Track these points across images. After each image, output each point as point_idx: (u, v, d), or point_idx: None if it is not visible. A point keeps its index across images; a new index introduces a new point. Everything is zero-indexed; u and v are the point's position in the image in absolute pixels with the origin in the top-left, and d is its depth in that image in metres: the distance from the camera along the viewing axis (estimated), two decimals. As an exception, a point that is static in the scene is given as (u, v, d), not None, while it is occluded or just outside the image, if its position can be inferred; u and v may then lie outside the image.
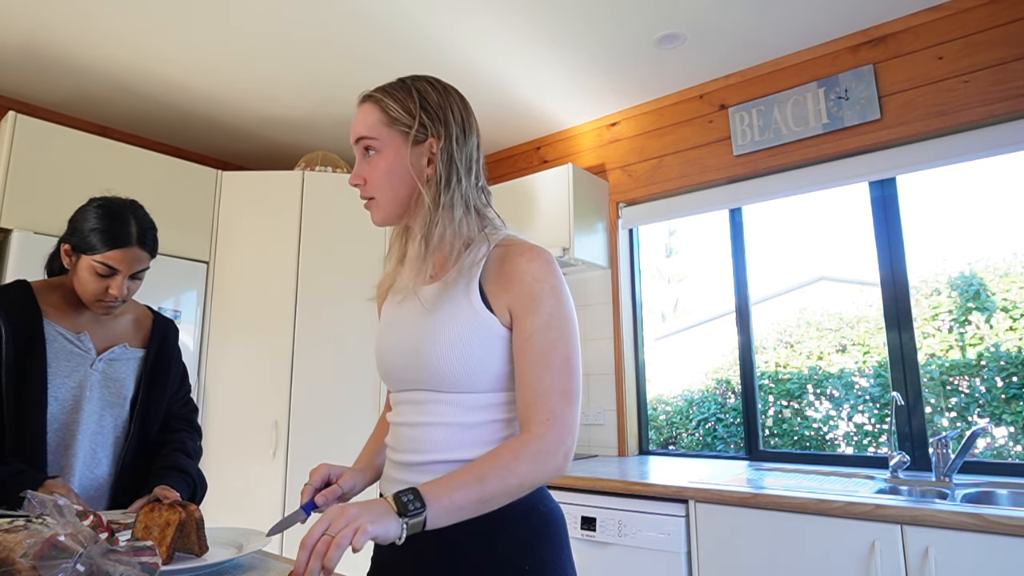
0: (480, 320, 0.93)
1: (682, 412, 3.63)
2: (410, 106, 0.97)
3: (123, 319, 1.46)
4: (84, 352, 1.34)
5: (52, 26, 2.32)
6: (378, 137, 0.97)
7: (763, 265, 2.83)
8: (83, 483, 1.31)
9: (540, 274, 0.93)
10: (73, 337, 1.33)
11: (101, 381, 1.36)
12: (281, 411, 2.76)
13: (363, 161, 0.99)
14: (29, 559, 0.65)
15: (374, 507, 0.75)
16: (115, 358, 1.39)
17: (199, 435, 1.52)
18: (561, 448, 0.87)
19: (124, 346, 1.41)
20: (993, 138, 2.12)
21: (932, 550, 1.50)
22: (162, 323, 1.52)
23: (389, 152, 0.97)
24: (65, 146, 2.57)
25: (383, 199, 0.98)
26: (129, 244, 1.29)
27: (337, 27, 2.33)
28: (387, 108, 0.97)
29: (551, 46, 2.46)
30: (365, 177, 0.98)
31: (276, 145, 3.42)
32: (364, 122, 0.98)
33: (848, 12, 2.26)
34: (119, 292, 1.30)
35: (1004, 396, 2.40)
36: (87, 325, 1.38)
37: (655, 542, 1.93)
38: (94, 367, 1.35)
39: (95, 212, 1.31)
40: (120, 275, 1.30)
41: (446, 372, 0.92)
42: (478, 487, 0.82)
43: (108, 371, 1.37)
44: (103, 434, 1.35)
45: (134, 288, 1.35)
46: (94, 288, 1.30)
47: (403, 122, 0.96)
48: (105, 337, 1.39)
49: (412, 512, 0.76)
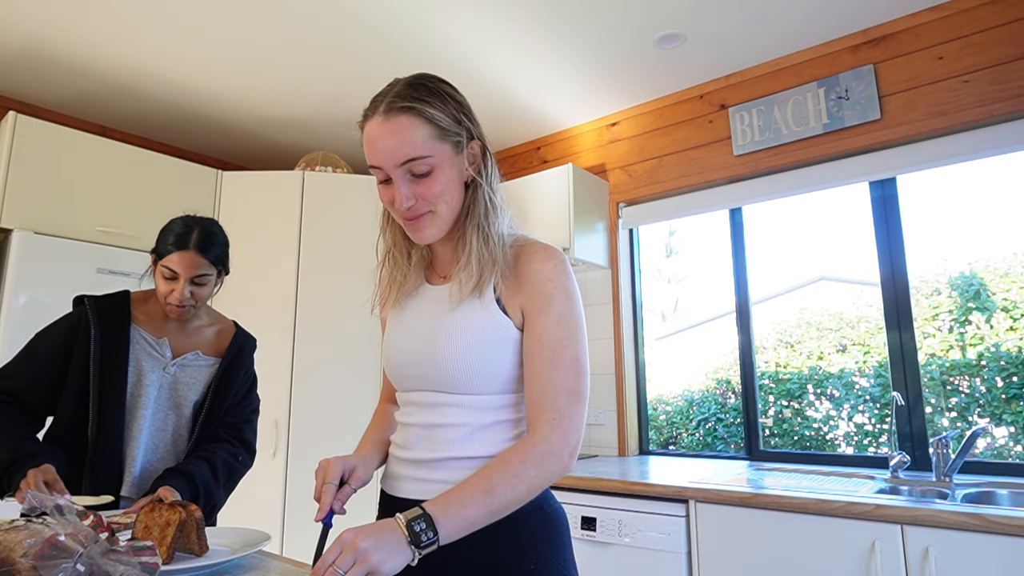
0: (494, 322, 0.93)
1: (682, 412, 3.63)
2: (454, 113, 0.92)
3: (207, 330, 1.58)
4: (160, 355, 1.48)
5: (52, 26, 2.32)
6: (431, 154, 0.89)
7: (763, 265, 2.83)
8: (143, 473, 1.43)
9: (553, 274, 0.93)
10: (154, 341, 1.48)
11: (171, 383, 1.49)
12: (281, 410, 2.76)
13: (411, 182, 0.90)
14: (29, 559, 0.65)
15: (386, 540, 0.74)
16: (186, 364, 1.51)
17: (245, 447, 1.56)
18: (567, 448, 0.88)
19: (197, 353, 1.52)
20: (993, 138, 2.12)
21: (932, 550, 1.49)
22: (242, 337, 1.61)
23: (446, 165, 0.91)
24: (65, 146, 2.57)
25: (444, 210, 0.93)
26: (186, 248, 1.41)
27: (337, 27, 2.33)
28: (435, 120, 0.89)
29: (551, 46, 2.46)
30: (418, 196, 0.91)
31: (276, 145, 3.42)
32: (411, 141, 0.88)
33: (848, 12, 2.26)
34: (180, 295, 1.42)
35: (1004, 396, 2.40)
36: (170, 333, 1.51)
37: (655, 542, 1.93)
38: (167, 370, 1.48)
39: (171, 222, 1.47)
40: (180, 278, 1.41)
41: (458, 374, 0.92)
42: (488, 500, 0.82)
43: (179, 375, 1.49)
44: (165, 431, 1.48)
45: (199, 294, 1.46)
46: (162, 290, 1.44)
47: (453, 131, 0.91)
48: (185, 344, 1.52)
49: (425, 543, 0.76)
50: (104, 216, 2.65)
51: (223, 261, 1.51)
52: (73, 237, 2.54)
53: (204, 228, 1.46)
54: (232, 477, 1.51)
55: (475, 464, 0.92)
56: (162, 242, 1.44)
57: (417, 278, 1.04)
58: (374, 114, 0.90)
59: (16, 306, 2.35)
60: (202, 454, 1.46)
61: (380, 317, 1.13)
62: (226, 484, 1.49)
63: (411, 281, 1.04)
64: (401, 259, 1.04)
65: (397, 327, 1.03)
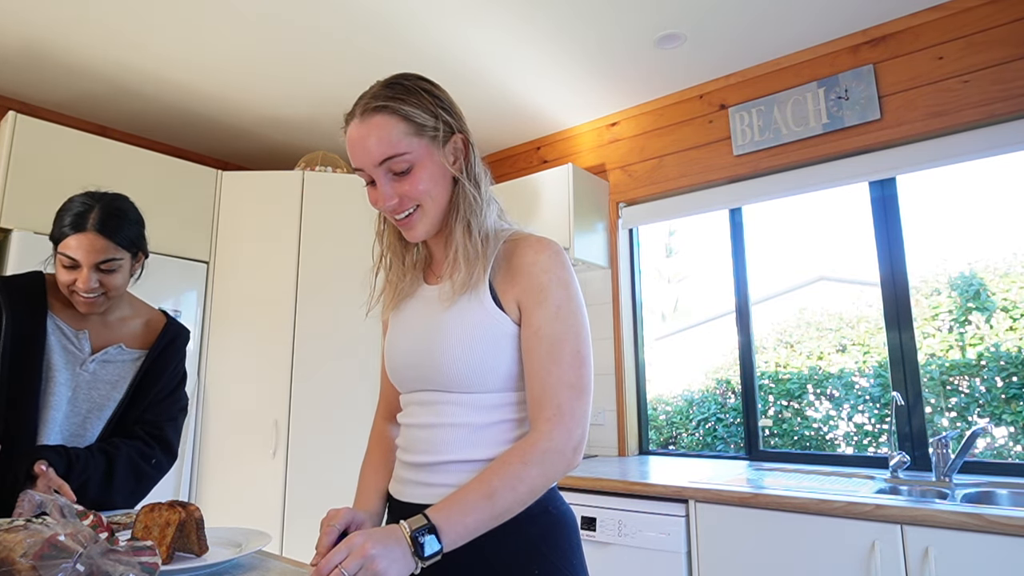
0: (491, 319, 0.92)
1: (682, 412, 3.63)
2: (430, 107, 0.92)
3: (133, 321, 1.40)
4: (77, 350, 1.30)
5: (52, 26, 2.32)
6: (409, 150, 0.89)
7: (763, 265, 2.83)
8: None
9: (548, 265, 0.92)
10: (72, 334, 1.29)
11: (89, 381, 1.31)
12: (281, 411, 2.76)
13: (392, 181, 0.91)
14: (29, 559, 0.65)
15: (391, 549, 0.75)
16: (108, 359, 1.33)
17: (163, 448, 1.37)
18: (569, 444, 0.86)
19: (120, 347, 1.35)
20: (993, 138, 2.12)
21: (932, 550, 1.49)
22: (173, 329, 1.44)
23: (426, 161, 0.91)
24: (65, 146, 2.57)
25: (431, 207, 0.93)
26: (83, 230, 1.21)
27: (337, 28, 2.33)
28: (410, 116, 0.90)
29: (551, 46, 2.46)
30: (401, 195, 0.91)
31: (276, 145, 3.42)
32: (387, 139, 0.88)
33: (848, 12, 2.26)
34: (85, 284, 1.22)
35: (1004, 396, 2.40)
36: (91, 324, 1.33)
37: (655, 542, 1.93)
38: (84, 367, 1.30)
39: (68, 201, 1.26)
40: (82, 266, 1.22)
41: (456, 372, 0.91)
42: (489, 505, 0.82)
43: (99, 371, 1.32)
44: (83, 437, 1.30)
45: (110, 282, 1.26)
46: (63, 280, 1.24)
47: (431, 126, 0.91)
48: (107, 337, 1.34)
49: (428, 555, 0.77)
50: (104, 216, 2.64)
51: (137, 243, 1.30)
52: (73, 237, 2.54)
53: (107, 205, 1.25)
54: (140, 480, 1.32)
55: (477, 468, 0.91)
56: (57, 224, 1.23)
57: (414, 279, 1.04)
58: (353, 118, 0.92)
59: (16, 306, 2.34)
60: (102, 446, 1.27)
61: (381, 319, 1.12)
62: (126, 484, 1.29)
63: (408, 282, 1.04)
64: (396, 261, 1.04)
65: (396, 329, 1.03)
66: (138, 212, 1.35)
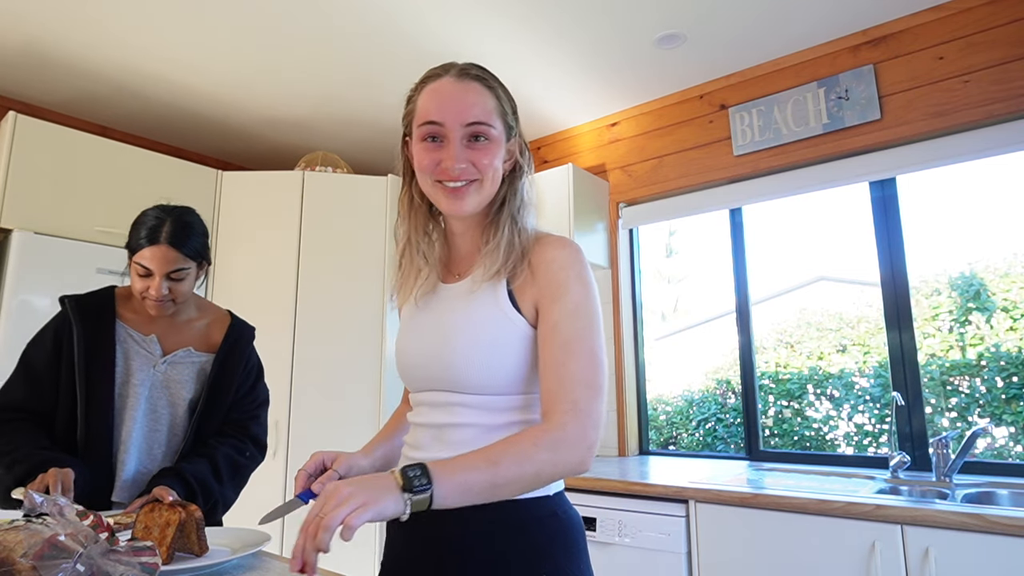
0: (507, 320, 0.90)
1: (682, 412, 3.63)
2: (511, 103, 0.96)
3: (198, 323, 1.51)
4: (148, 352, 1.42)
5: (52, 27, 2.32)
6: (494, 126, 0.92)
7: (763, 265, 2.83)
8: (136, 477, 1.38)
9: (567, 262, 0.91)
10: (141, 339, 1.42)
11: (162, 382, 1.42)
12: (281, 411, 2.76)
13: (468, 147, 0.91)
14: (29, 559, 0.65)
15: (374, 484, 0.71)
16: (177, 361, 1.44)
17: (254, 443, 1.52)
18: (584, 441, 0.82)
19: (188, 350, 1.46)
20: (993, 138, 2.12)
21: (932, 550, 1.49)
22: (236, 329, 1.54)
23: (500, 143, 0.93)
24: (65, 146, 2.57)
25: (488, 186, 0.93)
26: (157, 243, 1.33)
27: (337, 27, 2.33)
28: (501, 99, 0.94)
29: (551, 46, 2.46)
30: (472, 161, 0.91)
31: (276, 145, 3.42)
32: (482, 105, 0.91)
33: (848, 12, 2.26)
34: (157, 292, 1.35)
35: (1004, 396, 2.40)
36: (159, 328, 1.45)
37: (655, 542, 1.93)
38: (156, 368, 1.42)
39: (142, 214, 1.39)
40: (155, 275, 1.34)
41: (469, 374, 0.90)
42: (491, 470, 0.77)
43: (170, 373, 1.43)
44: (158, 431, 1.42)
45: (178, 290, 1.38)
46: (137, 288, 1.37)
47: (510, 115, 0.96)
48: (175, 340, 1.46)
49: (418, 488, 0.72)
50: (104, 216, 2.64)
51: (202, 253, 1.43)
52: (73, 237, 2.54)
53: (178, 219, 1.38)
54: (239, 473, 1.47)
55: None
56: (134, 236, 1.36)
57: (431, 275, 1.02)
58: (444, 75, 0.92)
59: (16, 306, 2.34)
60: (201, 451, 1.42)
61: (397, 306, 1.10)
62: (232, 481, 1.45)
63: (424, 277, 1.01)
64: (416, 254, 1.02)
65: (408, 327, 1.01)
66: (203, 224, 1.46)
